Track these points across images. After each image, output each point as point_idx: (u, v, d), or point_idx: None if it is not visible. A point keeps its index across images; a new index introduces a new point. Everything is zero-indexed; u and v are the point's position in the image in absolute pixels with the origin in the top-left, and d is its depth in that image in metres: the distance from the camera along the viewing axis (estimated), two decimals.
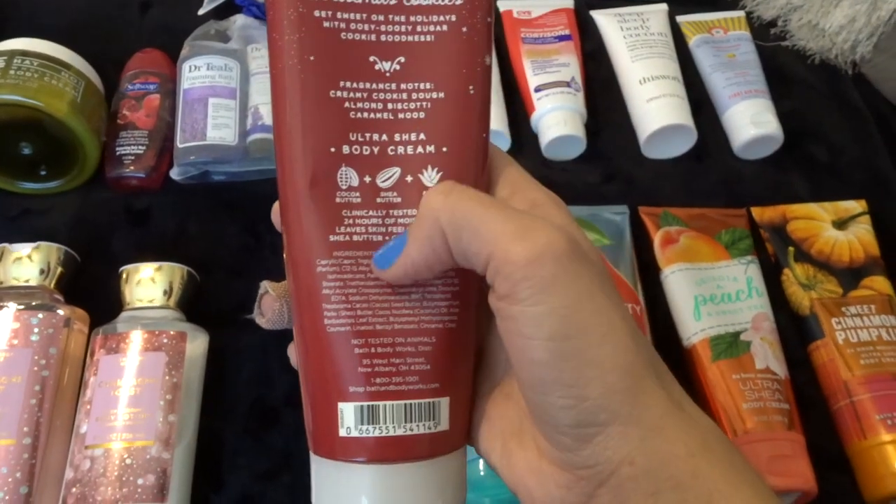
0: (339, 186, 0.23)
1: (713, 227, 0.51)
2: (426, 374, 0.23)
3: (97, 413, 0.41)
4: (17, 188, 0.53)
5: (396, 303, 0.23)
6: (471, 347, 0.25)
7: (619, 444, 0.21)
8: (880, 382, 0.44)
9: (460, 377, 0.24)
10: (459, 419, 0.24)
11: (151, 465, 0.39)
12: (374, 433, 0.23)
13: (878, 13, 0.58)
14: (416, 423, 0.23)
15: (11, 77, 0.48)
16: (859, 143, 0.58)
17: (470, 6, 0.24)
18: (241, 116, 0.54)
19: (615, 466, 0.21)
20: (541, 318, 0.20)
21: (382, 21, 0.23)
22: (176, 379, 0.42)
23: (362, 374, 0.23)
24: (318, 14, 0.23)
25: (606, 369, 0.21)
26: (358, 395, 0.23)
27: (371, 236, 0.23)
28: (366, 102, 0.23)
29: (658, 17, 0.61)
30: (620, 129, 0.58)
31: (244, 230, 0.52)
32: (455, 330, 0.24)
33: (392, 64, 0.23)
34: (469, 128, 0.23)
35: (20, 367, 0.41)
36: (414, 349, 0.23)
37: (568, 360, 0.20)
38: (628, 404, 0.21)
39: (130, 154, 0.53)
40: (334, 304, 0.23)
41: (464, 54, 0.23)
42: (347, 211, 0.23)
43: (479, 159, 0.24)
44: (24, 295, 0.44)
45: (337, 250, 0.23)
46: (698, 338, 0.47)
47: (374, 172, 0.23)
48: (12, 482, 0.39)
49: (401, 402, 0.23)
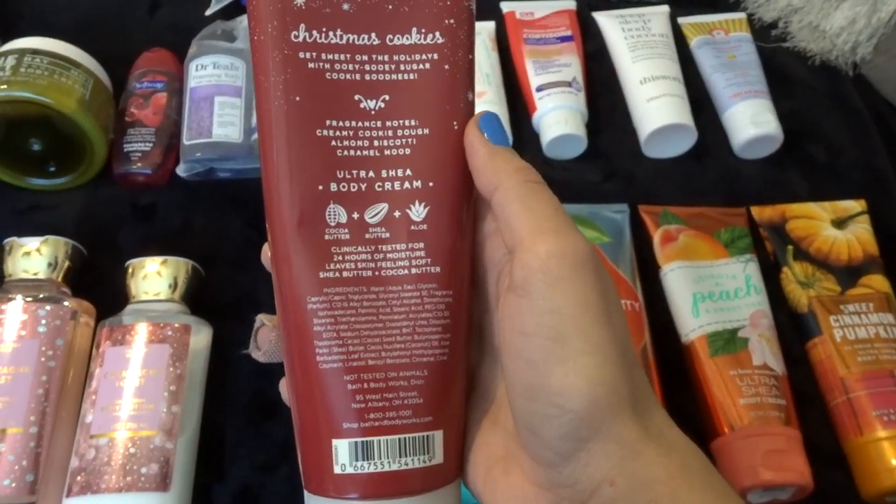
0: (327, 224, 0.23)
1: (712, 225, 0.52)
2: (419, 408, 0.23)
3: (102, 403, 0.41)
4: (27, 184, 0.54)
5: (388, 337, 0.23)
6: (463, 379, 0.25)
7: (600, 462, 0.21)
8: (877, 379, 0.45)
9: (453, 409, 0.24)
10: (453, 451, 0.24)
11: (155, 454, 0.40)
12: (368, 469, 0.22)
13: (878, 15, 0.58)
14: (410, 458, 0.23)
15: (22, 74, 0.49)
16: (859, 144, 0.59)
17: (451, 44, 0.24)
18: (247, 114, 0.55)
19: (596, 486, 0.21)
20: (545, 315, 0.21)
21: (366, 60, 0.24)
22: (180, 371, 0.43)
23: (356, 410, 0.23)
24: (303, 55, 0.23)
25: (594, 382, 0.21)
26: (352, 432, 0.22)
27: (360, 272, 0.23)
28: (352, 140, 0.23)
29: (659, 19, 0.62)
30: (621, 128, 0.58)
31: (248, 225, 0.53)
32: (447, 363, 0.24)
33: (377, 102, 0.24)
34: (454, 162, 0.24)
35: (28, 358, 0.42)
36: (407, 383, 0.23)
37: (559, 366, 0.21)
38: (609, 422, 0.21)
39: (137, 151, 0.54)
40: (326, 340, 0.23)
41: (447, 91, 0.24)
42: (337, 248, 0.23)
43: (466, 192, 0.24)
44: (32, 287, 0.45)
45: (327, 287, 0.23)
46: (696, 334, 0.47)
47: (363, 209, 0.23)
48: (19, 470, 0.39)
49: (395, 437, 0.23)
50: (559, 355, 0.21)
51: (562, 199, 0.23)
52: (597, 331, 0.21)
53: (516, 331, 0.21)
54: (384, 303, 0.23)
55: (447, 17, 0.24)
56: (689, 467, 0.21)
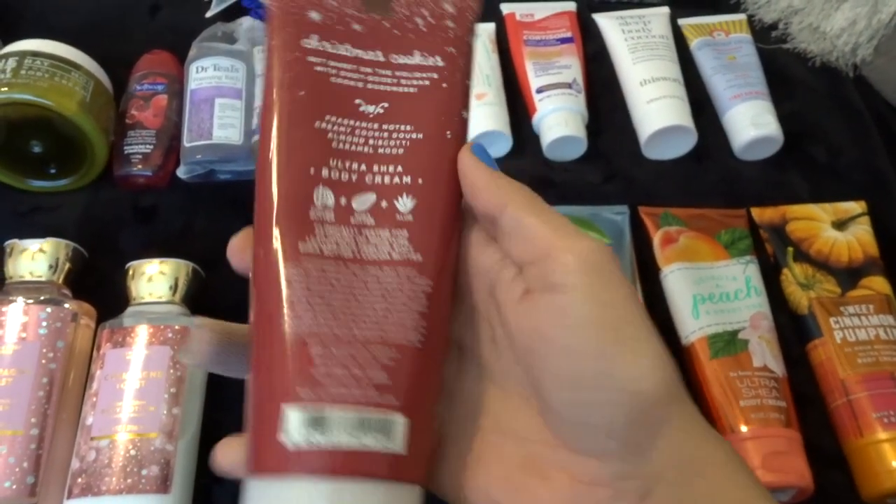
0: (314, 203, 0.24)
1: (713, 227, 0.52)
2: (385, 388, 0.22)
3: (103, 405, 0.41)
4: (28, 186, 0.54)
5: (361, 314, 0.23)
6: (436, 378, 0.24)
7: (667, 447, 0.20)
8: (877, 381, 0.45)
9: (422, 402, 0.23)
10: (418, 449, 0.22)
11: (155, 456, 0.40)
12: (321, 442, 0.21)
13: (878, 16, 0.58)
14: (369, 437, 0.22)
15: (23, 77, 0.49)
16: (859, 145, 0.59)
17: (450, 68, 0.26)
18: (247, 116, 0.55)
19: (661, 471, 0.21)
20: (596, 307, 0.21)
21: (370, 73, 0.25)
22: (180, 373, 0.43)
23: (314, 377, 0.22)
24: (311, 59, 0.25)
25: (662, 364, 0.20)
26: (307, 397, 0.22)
27: (341, 251, 0.23)
28: (348, 136, 0.24)
29: (660, 20, 0.62)
30: (621, 130, 0.58)
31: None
32: (420, 350, 0.23)
33: (376, 108, 0.25)
34: (445, 164, 0.25)
35: (28, 360, 0.42)
36: (374, 360, 0.22)
37: (624, 352, 0.20)
38: (676, 405, 0.21)
39: (138, 153, 0.54)
40: (296, 308, 0.22)
41: (443, 105, 0.25)
42: (320, 226, 0.23)
43: (454, 193, 0.25)
44: (32, 289, 0.45)
45: (306, 260, 0.23)
46: (696, 336, 0.47)
47: (350, 195, 0.24)
48: (19, 472, 0.40)
49: (354, 412, 0.22)
50: (622, 342, 0.21)
51: (562, 200, 0.24)
52: (646, 319, 0.21)
53: (559, 326, 0.21)
54: (362, 283, 0.23)
55: (448, 46, 0.26)
56: (733, 452, 0.22)
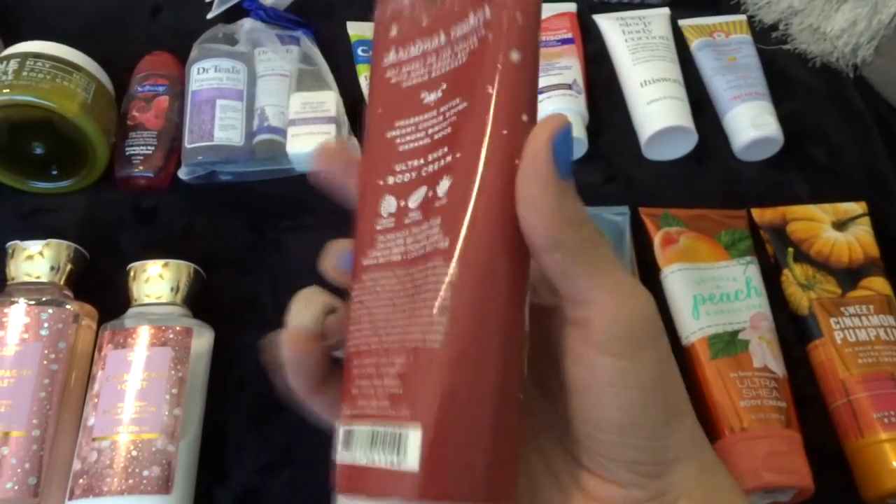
0: (379, 213, 0.24)
1: (713, 227, 0.52)
2: (397, 398, 0.21)
3: (104, 406, 0.41)
4: (29, 187, 0.54)
5: (392, 321, 0.22)
6: (462, 378, 0.21)
7: (682, 478, 0.23)
8: (878, 381, 0.45)
9: (439, 408, 0.20)
10: (432, 461, 0.20)
11: (157, 457, 0.40)
12: (347, 460, 0.21)
13: (878, 17, 0.58)
14: (378, 454, 0.20)
15: (24, 78, 0.50)
16: (859, 146, 0.59)
17: (497, 13, 0.23)
18: (248, 118, 0.55)
19: (675, 499, 0.23)
20: (633, 371, 0.22)
21: (434, 60, 0.24)
22: (182, 373, 0.43)
23: (351, 396, 0.22)
24: (387, 74, 0.25)
25: (688, 415, 0.23)
26: (345, 417, 0.22)
27: (392, 256, 0.23)
28: (412, 135, 0.24)
29: (660, 21, 0.62)
30: (621, 130, 0.58)
31: (249, 228, 0.53)
32: (437, 351, 0.20)
33: (436, 93, 0.24)
34: (481, 127, 0.22)
35: (30, 361, 0.42)
36: (393, 369, 0.21)
37: (655, 408, 0.23)
38: (691, 444, 0.24)
39: (139, 154, 0.54)
40: (353, 326, 0.23)
41: (485, 56, 0.23)
42: (382, 235, 0.23)
43: (491, 162, 0.22)
44: (34, 291, 0.45)
45: (366, 273, 0.23)
46: (696, 336, 0.47)
47: (408, 195, 0.23)
48: (21, 473, 0.40)
49: (369, 427, 0.21)
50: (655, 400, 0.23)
51: None
52: (675, 372, 0.23)
53: (603, 381, 0.22)
54: (400, 285, 0.22)
55: None
56: (736, 485, 0.24)
